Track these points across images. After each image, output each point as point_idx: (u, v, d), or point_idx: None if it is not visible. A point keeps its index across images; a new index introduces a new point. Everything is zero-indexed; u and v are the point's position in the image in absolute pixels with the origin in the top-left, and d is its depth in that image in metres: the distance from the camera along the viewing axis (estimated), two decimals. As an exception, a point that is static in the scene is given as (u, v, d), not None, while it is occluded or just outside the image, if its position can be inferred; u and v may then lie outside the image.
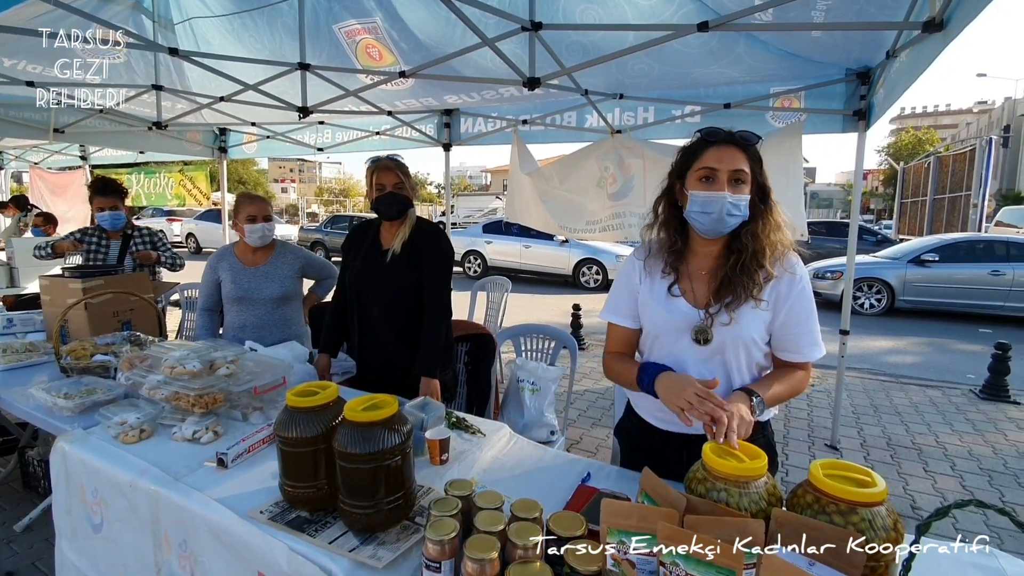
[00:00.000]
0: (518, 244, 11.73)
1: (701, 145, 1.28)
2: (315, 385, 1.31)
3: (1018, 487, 3.13)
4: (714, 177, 1.23)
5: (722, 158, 1.23)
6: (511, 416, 2.46)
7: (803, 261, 1.33)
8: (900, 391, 4.80)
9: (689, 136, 4.05)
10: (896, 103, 2.53)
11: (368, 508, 1.13)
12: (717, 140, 1.26)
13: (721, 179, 1.22)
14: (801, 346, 1.28)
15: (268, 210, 2.35)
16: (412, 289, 2.03)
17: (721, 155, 1.24)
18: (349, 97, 3.39)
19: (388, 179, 1.98)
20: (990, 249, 8.49)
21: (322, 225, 16.51)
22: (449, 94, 3.74)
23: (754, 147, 1.27)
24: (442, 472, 1.42)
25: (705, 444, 1.07)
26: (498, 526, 1.02)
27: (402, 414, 1.21)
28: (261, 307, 2.37)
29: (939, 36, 1.76)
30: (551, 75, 2.59)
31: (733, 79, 3.15)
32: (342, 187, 57.49)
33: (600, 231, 3.86)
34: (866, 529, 0.87)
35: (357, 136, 4.92)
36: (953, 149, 16.76)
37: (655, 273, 1.36)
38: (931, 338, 7.19)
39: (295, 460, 1.22)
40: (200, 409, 1.61)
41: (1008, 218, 15.50)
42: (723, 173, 1.22)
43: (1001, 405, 4.46)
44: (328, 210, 38.42)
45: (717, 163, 1.23)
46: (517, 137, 4.08)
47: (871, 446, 3.66)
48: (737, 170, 1.23)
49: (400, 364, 2.06)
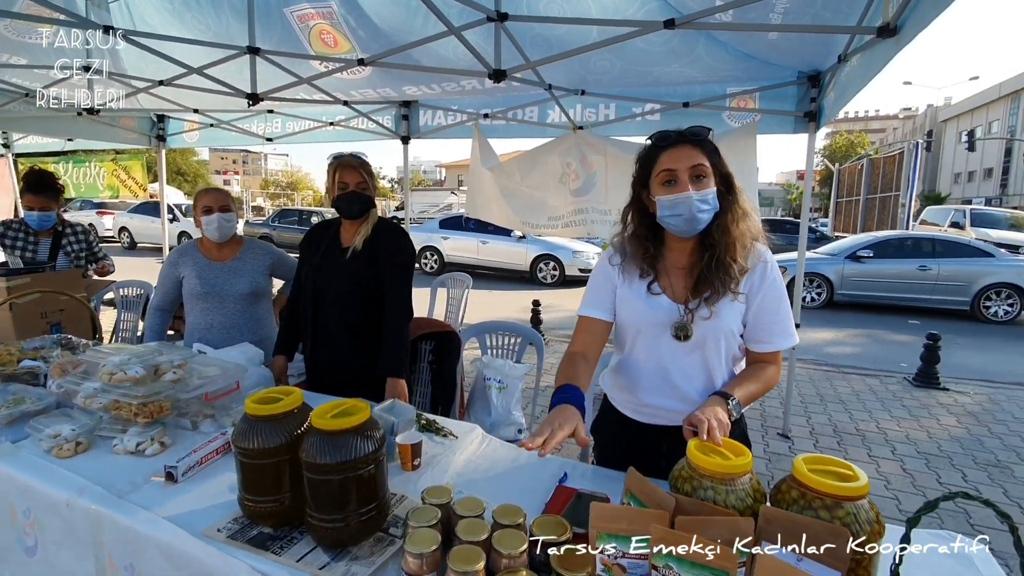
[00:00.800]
0: (475, 240, 11.65)
1: (654, 151, 1.29)
2: (277, 391, 1.22)
3: (952, 468, 3.36)
4: (675, 179, 1.23)
5: (678, 157, 1.23)
6: (478, 415, 2.41)
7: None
8: (843, 380, 5.07)
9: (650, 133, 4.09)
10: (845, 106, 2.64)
11: (338, 521, 1.06)
12: (669, 143, 1.26)
13: (683, 179, 1.22)
14: (773, 335, 1.30)
15: (225, 201, 2.21)
16: (371, 287, 1.98)
17: (677, 155, 1.24)
18: (302, 85, 3.23)
19: (351, 178, 1.93)
20: (918, 246, 9.11)
21: (270, 219, 15.85)
22: (408, 85, 3.63)
23: (707, 139, 1.26)
24: (415, 478, 1.35)
25: (690, 441, 1.06)
26: (481, 535, 0.97)
27: (374, 419, 1.14)
28: (230, 304, 2.23)
29: (892, 41, 1.83)
30: (516, 68, 2.55)
31: (692, 79, 3.20)
32: (290, 180, 55.50)
33: (563, 227, 3.86)
34: (851, 523, 0.87)
35: (310, 126, 4.71)
36: (883, 152, 17.90)
37: (633, 275, 1.36)
38: (867, 329, 7.64)
39: (256, 472, 1.13)
40: (144, 419, 1.48)
41: (931, 217, 16.70)
42: (683, 172, 1.22)
43: (933, 392, 4.79)
44: (275, 204, 36.97)
45: (674, 163, 1.23)
46: (478, 131, 4.02)
47: (819, 434, 3.83)
48: (696, 166, 1.23)
49: (354, 364, 2.00)
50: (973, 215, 15.58)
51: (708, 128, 1.26)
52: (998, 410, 4.38)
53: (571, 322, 7.48)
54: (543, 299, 6.66)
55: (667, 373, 1.34)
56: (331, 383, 1.95)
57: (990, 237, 12.10)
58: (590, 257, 11.27)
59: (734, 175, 1.29)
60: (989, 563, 1.09)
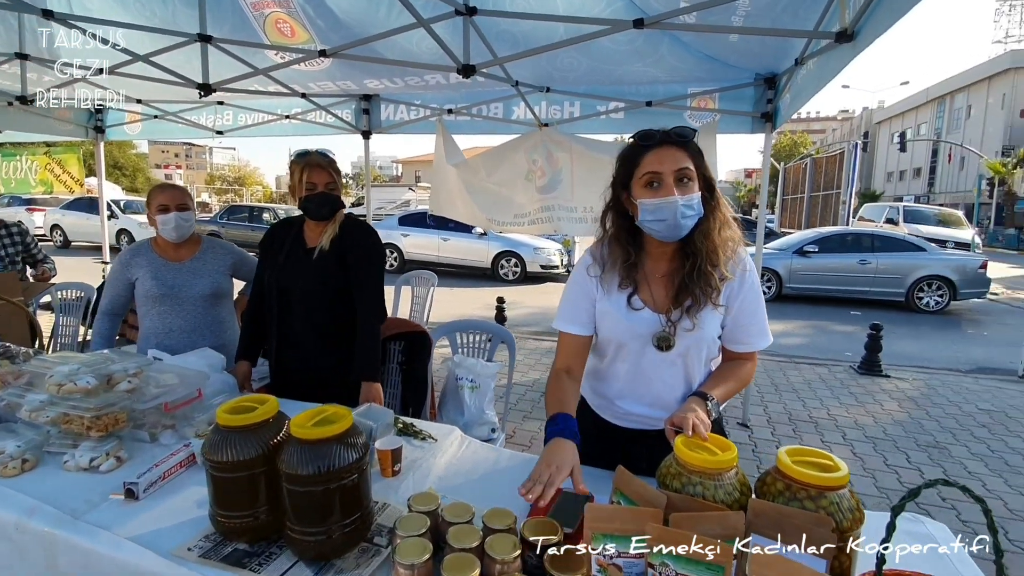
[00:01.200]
0: (436, 237, 11.53)
1: (638, 150, 1.22)
2: (250, 399, 1.15)
3: (897, 451, 3.57)
4: (659, 181, 1.17)
5: (663, 159, 1.18)
6: (451, 415, 2.38)
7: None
8: (795, 370, 5.30)
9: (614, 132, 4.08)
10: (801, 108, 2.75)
11: (320, 534, 1.01)
12: (653, 142, 1.20)
13: (667, 182, 1.17)
14: (751, 337, 1.32)
15: (183, 199, 2.08)
16: (339, 288, 1.92)
17: (661, 157, 1.18)
18: (258, 76, 3.08)
19: (320, 178, 1.86)
20: (858, 241, 9.65)
21: (217, 216, 15.15)
22: (370, 78, 3.53)
23: (692, 141, 1.22)
24: (396, 484, 1.32)
25: (677, 438, 1.07)
26: (473, 541, 0.95)
27: (357, 426, 1.10)
28: (190, 307, 2.10)
29: (849, 47, 1.91)
30: (485, 64, 2.51)
31: (655, 78, 3.26)
32: (237, 175, 53.29)
33: (529, 224, 3.85)
34: (835, 512, 0.90)
35: (263, 119, 4.52)
36: (824, 152, 18.83)
37: (612, 287, 1.30)
38: (814, 321, 8.03)
39: (229, 486, 1.07)
40: (97, 432, 1.37)
41: (868, 214, 17.74)
42: (668, 175, 1.17)
43: (876, 379, 5.08)
44: (221, 200, 35.39)
45: (659, 166, 1.18)
46: (442, 127, 3.96)
47: (776, 422, 4.00)
48: (681, 169, 1.17)
49: (321, 367, 1.94)
50: (905, 212, 16.66)
51: (694, 129, 1.23)
52: (934, 394, 4.70)
53: (535, 318, 7.55)
54: (505, 296, 6.65)
55: (649, 383, 1.33)
56: (298, 385, 1.88)
57: (921, 232, 12.96)
58: (551, 254, 11.35)
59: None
60: (951, 541, 1.16)
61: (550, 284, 10.98)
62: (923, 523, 1.19)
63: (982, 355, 6.31)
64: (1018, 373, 5.32)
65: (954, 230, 15.06)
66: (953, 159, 36.30)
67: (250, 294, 2.09)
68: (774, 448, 3.54)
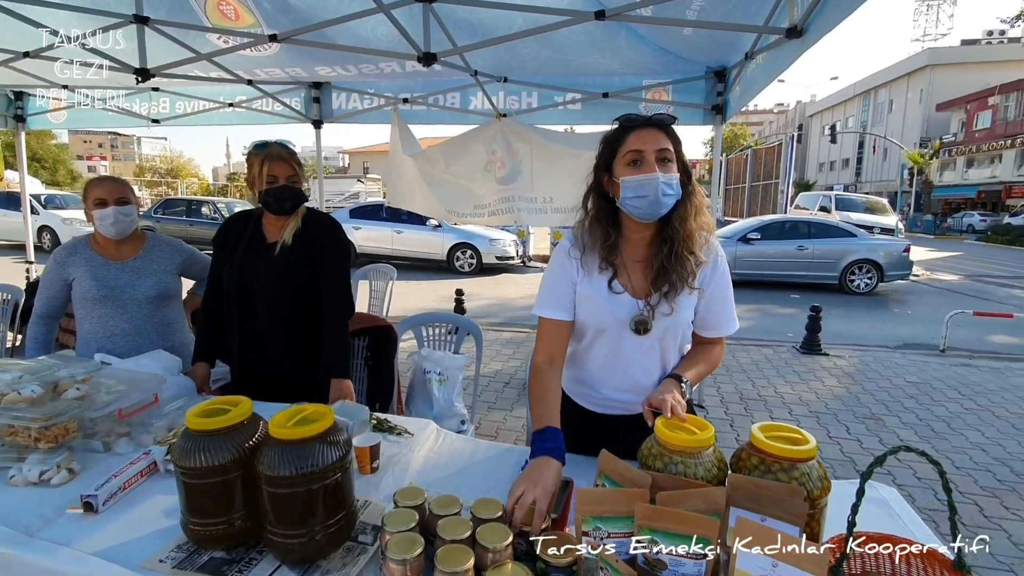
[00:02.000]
0: (389, 230, 11.30)
1: (622, 131, 1.27)
2: (221, 401, 1.10)
3: (838, 423, 3.82)
4: (642, 159, 1.22)
5: (645, 139, 1.23)
6: (419, 409, 2.36)
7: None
8: (743, 352, 5.57)
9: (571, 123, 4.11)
10: (751, 100, 2.86)
11: (303, 536, 0.99)
12: (638, 124, 1.25)
13: (649, 160, 1.22)
14: (720, 323, 1.37)
15: (123, 192, 1.93)
16: (304, 284, 1.85)
17: (644, 137, 1.23)
18: (201, 61, 2.91)
19: (282, 171, 1.77)
20: (796, 228, 10.19)
21: (152, 210, 14.24)
22: (321, 65, 3.40)
23: (672, 128, 1.27)
24: (375, 481, 1.30)
25: (657, 420, 1.10)
26: (464, 532, 0.95)
27: (338, 424, 1.07)
28: (134, 309, 1.96)
29: (798, 42, 2.00)
30: (445, 53, 2.47)
31: (612, 70, 3.30)
32: (170, 166, 50.30)
33: (489, 215, 3.84)
34: (806, 482, 0.96)
35: (204, 107, 4.27)
36: (762, 144, 19.70)
37: (592, 269, 1.33)
38: (758, 305, 8.44)
39: (203, 492, 1.02)
40: (46, 443, 1.28)
41: (804, 202, 18.73)
42: (650, 154, 1.22)
43: (817, 357, 5.41)
44: (153, 193, 33.28)
45: (642, 144, 1.22)
46: (397, 116, 3.87)
47: (729, 402, 4.19)
48: (663, 149, 1.23)
49: (287, 366, 1.88)
50: (837, 200, 17.70)
51: (674, 117, 1.27)
52: (868, 370, 5.05)
53: (494, 309, 7.55)
54: (463, 288, 6.62)
55: (627, 367, 1.37)
56: (264, 385, 1.81)
57: (851, 219, 13.82)
58: (506, 245, 11.37)
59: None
60: (901, 503, 1.26)
61: (506, 275, 11.02)
62: (876, 488, 1.28)
63: (908, 332, 6.83)
64: (939, 348, 5.79)
65: (880, 217, 16.14)
66: (877, 150, 38.87)
67: (205, 292, 1.98)
68: (728, 427, 3.72)
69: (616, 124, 1.31)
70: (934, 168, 33.29)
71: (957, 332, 6.05)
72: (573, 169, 3.48)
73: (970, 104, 31.02)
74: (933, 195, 34.12)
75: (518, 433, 3.56)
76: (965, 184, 31.96)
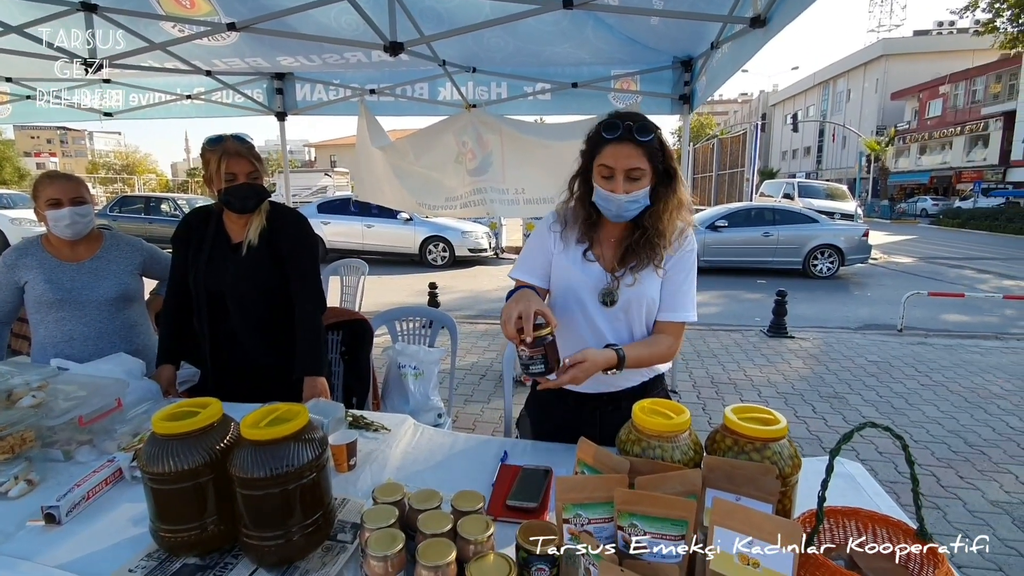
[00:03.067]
0: (359, 224, 11.12)
1: (600, 141, 1.30)
2: (190, 404, 1.07)
3: (804, 403, 3.96)
4: (612, 176, 1.28)
5: (617, 156, 1.26)
6: (395, 404, 2.34)
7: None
8: (713, 337, 5.70)
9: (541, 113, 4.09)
10: (718, 89, 2.91)
11: (281, 537, 0.97)
12: (614, 138, 1.27)
13: (618, 179, 1.27)
14: (676, 304, 1.39)
15: (78, 191, 1.84)
16: (274, 283, 1.80)
17: (617, 153, 1.26)
18: (155, 51, 2.79)
19: (241, 167, 1.69)
20: (761, 215, 10.45)
21: (107, 208, 13.65)
22: (283, 55, 3.30)
23: (650, 141, 1.27)
24: (353, 479, 1.28)
25: (635, 406, 1.11)
26: (445, 526, 0.95)
27: (313, 422, 1.05)
28: (92, 312, 1.87)
29: (761, 32, 2.03)
30: (412, 42, 2.43)
31: (581, 60, 3.30)
32: (125, 162, 48.34)
33: (461, 207, 3.81)
34: (778, 460, 0.99)
35: (160, 100, 4.10)
36: (728, 133, 20.09)
37: (570, 241, 1.41)
38: (726, 291, 8.64)
39: (173, 498, 0.99)
40: (2, 454, 1.22)
41: (768, 190, 19.19)
42: (619, 172, 1.27)
43: (783, 340, 5.57)
44: (108, 190, 31.87)
45: (613, 162, 1.27)
46: (364, 108, 3.79)
47: (700, 386, 4.29)
48: (632, 168, 1.26)
49: (264, 364, 1.83)
50: (800, 187, 18.19)
51: (657, 127, 1.28)
52: (831, 351, 5.24)
53: (468, 302, 7.56)
54: (436, 281, 6.58)
55: (598, 339, 1.40)
56: (239, 386, 1.75)
57: (813, 206, 14.23)
58: (479, 237, 11.33)
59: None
60: (866, 477, 1.31)
61: (479, 267, 10.99)
62: (842, 464, 1.33)
63: (867, 313, 7.10)
64: (897, 328, 6.04)
65: (840, 203, 16.67)
66: (837, 138, 40.11)
67: (167, 292, 1.91)
68: (701, 410, 3.81)
69: (599, 125, 1.31)
70: (890, 155, 34.56)
71: (913, 312, 6.32)
72: (544, 160, 3.48)
73: (922, 93, 32.26)
74: (889, 181, 35.46)
75: (496, 425, 3.57)
76: (918, 170, 33.31)
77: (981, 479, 2.92)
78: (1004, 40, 15.83)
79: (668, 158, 1.32)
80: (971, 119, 28.42)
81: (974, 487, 2.85)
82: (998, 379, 4.43)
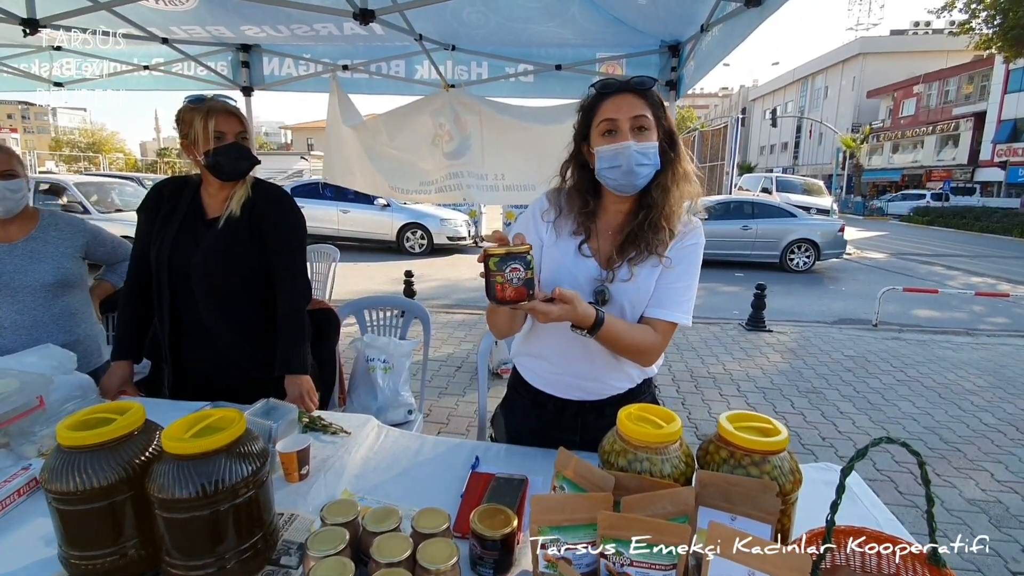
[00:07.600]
0: (334, 209, 10.82)
1: (596, 99, 1.21)
2: (104, 409, 0.92)
3: (783, 398, 3.93)
4: (616, 128, 1.16)
5: (620, 107, 1.16)
6: (363, 400, 2.20)
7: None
8: (692, 330, 5.66)
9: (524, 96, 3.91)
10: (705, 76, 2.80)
11: (211, 566, 0.83)
12: (611, 90, 1.18)
13: (624, 128, 1.15)
14: (667, 302, 1.23)
15: (8, 164, 1.63)
16: (251, 265, 1.60)
17: (619, 104, 1.16)
18: (100, 11, 2.55)
19: (230, 126, 1.51)
20: (740, 209, 10.49)
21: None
22: (247, 24, 3.07)
23: (652, 91, 1.19)
24: (304, 489, 1.14)
25: (620, 412, 1.00)
26: (403, 552, 0.83)
27: (251, 431, 0.91)
28: (26, 298, 1.68)
29: (756, 11, 1.92)
30: (384, 10, 2.26)
31: (565, 40, 3.15)
32: (91, 140, 46.46)
33: (436, 192, 3.64)
34: (778, 476, 0.89)
35: (116, 70, 3.82)
36: (708, 126, 20.15)
37: (564, 232, 1.26)
38: (705, 284, 8.59)
39: (83, 520, 0.85)
40: None
41: (746, 184, 19.37)
42: (624, 122, 1.15)
43: (761, 334, 5.57)
44: (72, 169, 30.56)
45: (616, 112, 1.16)
46: (336, 85, 3.58)
47: (680, 380, 4.24)
48: (638, 116, 1.15)
49: (234, 359, 1.63)
50: (778, 182, 18.39)
51: (654, 79, 1.19)
52: (808, 344, 5.25)
53: (445, 291, 7.39)
54: (413, 269, 6.40)
55: (585, 340, 1.24)
56: (200, 384, 1.58)
57: (791, 200, 14.40)
58: (458, 224, 11.13)
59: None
60: (860, 485, 1.23)
61: (458, 256, 10.82)
62: (834, 471, 1.25)
63: (843, 308, 7.17)
64: (872, 322, 6.10)
65: (816, 198, 16.91)
66: (814, 134, 40.75)
67: (128, 274, 1.68)
68: (680, 405, 3.75)
69: (592, 91, 1.23)
70: (864, 152, 35.24)
71: (887, 307, 6.39)
72: (525, 144, 3.33)
73: (897, 92, 32.89)
74: (863, 178, 36.20)
75: (470, 419, 3.45)
76: (891, 168, 34.06)
77: (958, 476, 2.92)
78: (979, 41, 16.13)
79: (669, 119, 1.20)
80: (943, 119, 29.10)
81: (951, 485, 2.84)
82: (970, 375, 4.49)
